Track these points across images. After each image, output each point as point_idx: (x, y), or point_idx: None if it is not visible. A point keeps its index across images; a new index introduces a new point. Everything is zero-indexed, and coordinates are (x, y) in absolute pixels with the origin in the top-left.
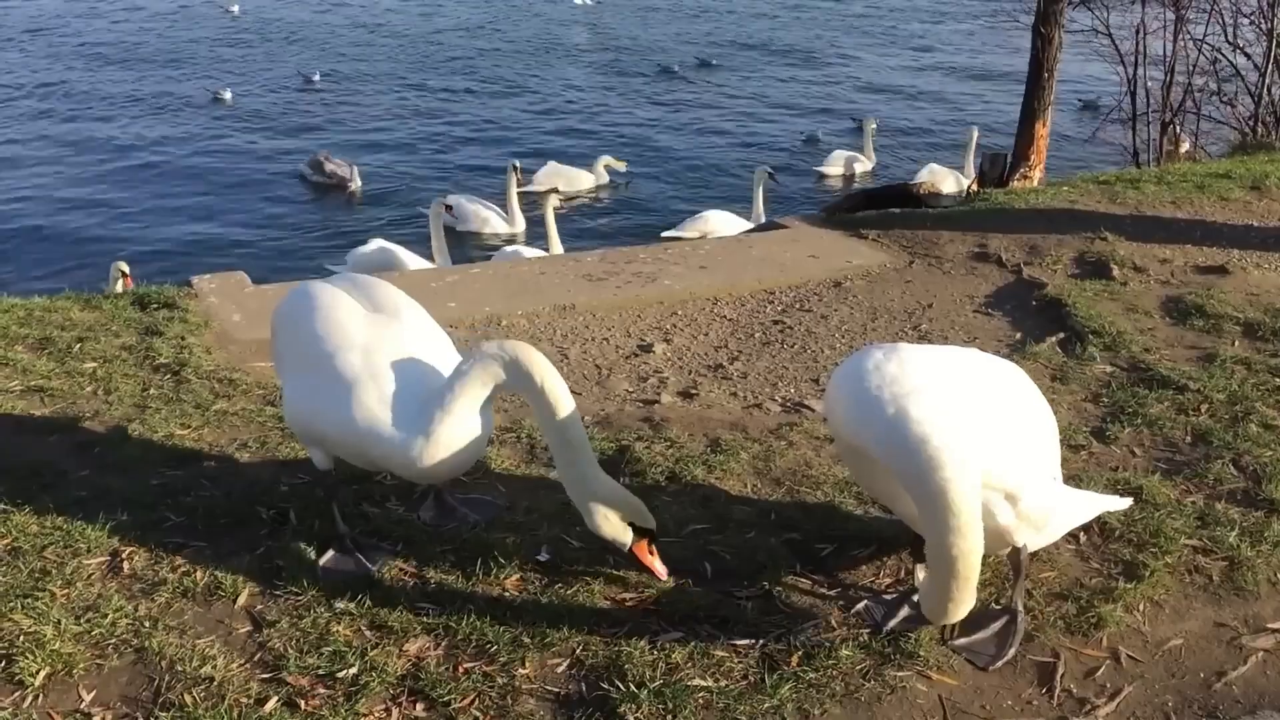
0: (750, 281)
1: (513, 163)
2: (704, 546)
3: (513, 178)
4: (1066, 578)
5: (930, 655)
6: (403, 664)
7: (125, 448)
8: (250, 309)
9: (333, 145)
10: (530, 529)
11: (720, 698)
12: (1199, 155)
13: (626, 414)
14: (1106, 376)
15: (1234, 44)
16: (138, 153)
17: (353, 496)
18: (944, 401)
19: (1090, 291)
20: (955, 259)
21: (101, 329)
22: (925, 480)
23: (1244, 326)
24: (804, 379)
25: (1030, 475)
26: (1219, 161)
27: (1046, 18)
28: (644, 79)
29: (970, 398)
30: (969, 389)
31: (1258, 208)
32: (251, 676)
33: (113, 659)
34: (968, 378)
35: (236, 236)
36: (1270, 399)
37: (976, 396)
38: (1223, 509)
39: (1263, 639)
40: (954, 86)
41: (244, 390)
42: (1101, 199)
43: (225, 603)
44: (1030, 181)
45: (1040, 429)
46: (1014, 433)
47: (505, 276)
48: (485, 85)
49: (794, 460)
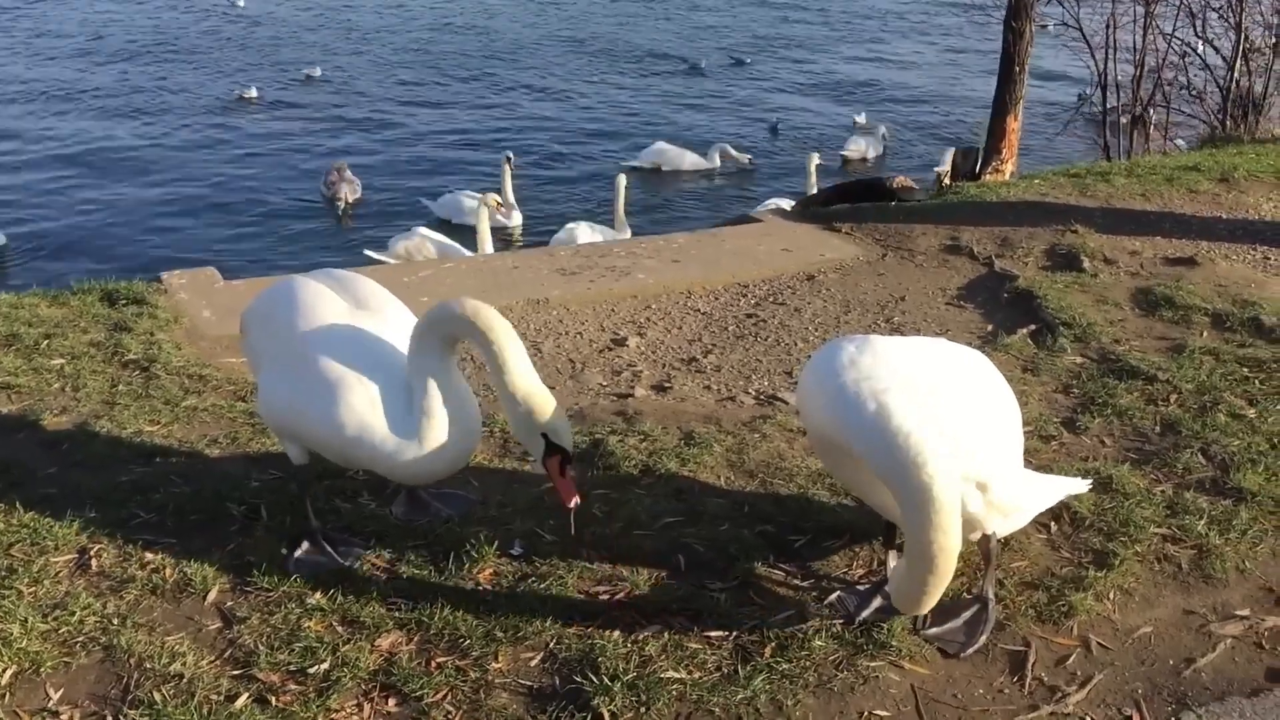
0: (724, 275)
1: (507, 154)
2: (678, 539)
3: (506, 169)
4: (1038, 567)
5: (902, 645)
6: (375, 659)
7: (93, 444)
8: (221, 305)
9: (329, 141)
10: (504, 523)
11: (694, 689)
12: (1168, 148)
13: (600, 408)
14: (1077, 367)
15: (1203, 38)
16: (131, 152)
17: (325, 491)
18: (921, 396)
19: (1061, 283)
20: (927, 252)
21: (69, 325)
22: (908, 477)
23: (1212, 317)
24: (777, 372)
25: (1000, 464)
26: (1188, 154)
27: (1018, 12)
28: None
29: (943, 390)
30: (941, 381)
31: (1226, 200)
32: (222, 673)
33: (80, 657)
34: (939, 369)
35: (219, 235)
36: (1238, 389)
37: (948, 388)
38: (1191, 498)
39: (1231, 626)
40: (925, 81)
41: (214, 386)
42: (1072, 192)
43: (195, 599)
44: (1002, 175)
45: (1007, 416)
46: (985, 423)
47: (478, 271)
48: (472, 83)
49: (767, 452)
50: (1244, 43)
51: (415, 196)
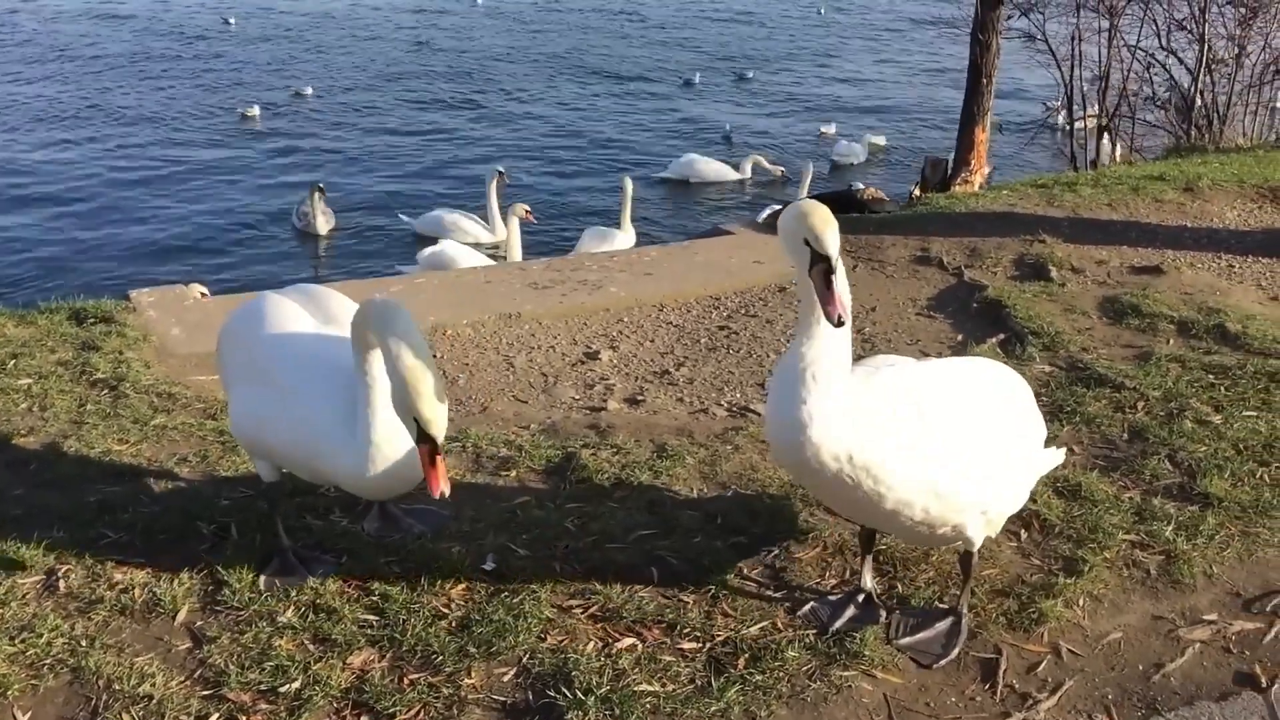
0: (695, 287)
1: (496, 169)
2: (650, 551)
3: (492, 186)
4: (1008, 575)
5: (875, 654)
6: (347, 677)
7: (61, 464)
8: (190, 322)
9: (315, 158)
10: (476, 538)
11: (667, 702)
12: (1134, 158)
13: (573, 421)
14: (1046, 376)
15: (1168, 49)
16: (110, 173)
17: (296, 509)
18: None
19: (1029, 293)
20: (898, 262)
21: (36, 345)
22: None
23: (1178, 325)
24: (750, 383)
25: (1006, 490)
26: (1153, 164)
27: (985, 25)
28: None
29: (953, 416)
30: (949, 405)
31: (1191, 209)
32: (191, 694)
33: (48, 679)
34: (945, 401)
35: (199, 253)
36: (1204, 395)
37: (957, 413)
38: (1159, 504)
39: (1199, 631)
40: (896, 93)
41: (184, 404)
42: (1040, 202)
43: (164, 619)
44: (971, 185)
45: (1015, 434)
46: (993, 448)
47: (450, 286)
48: (462, 100)
49: (740, 464)
50: (1207, 54)
51: (397, 212)
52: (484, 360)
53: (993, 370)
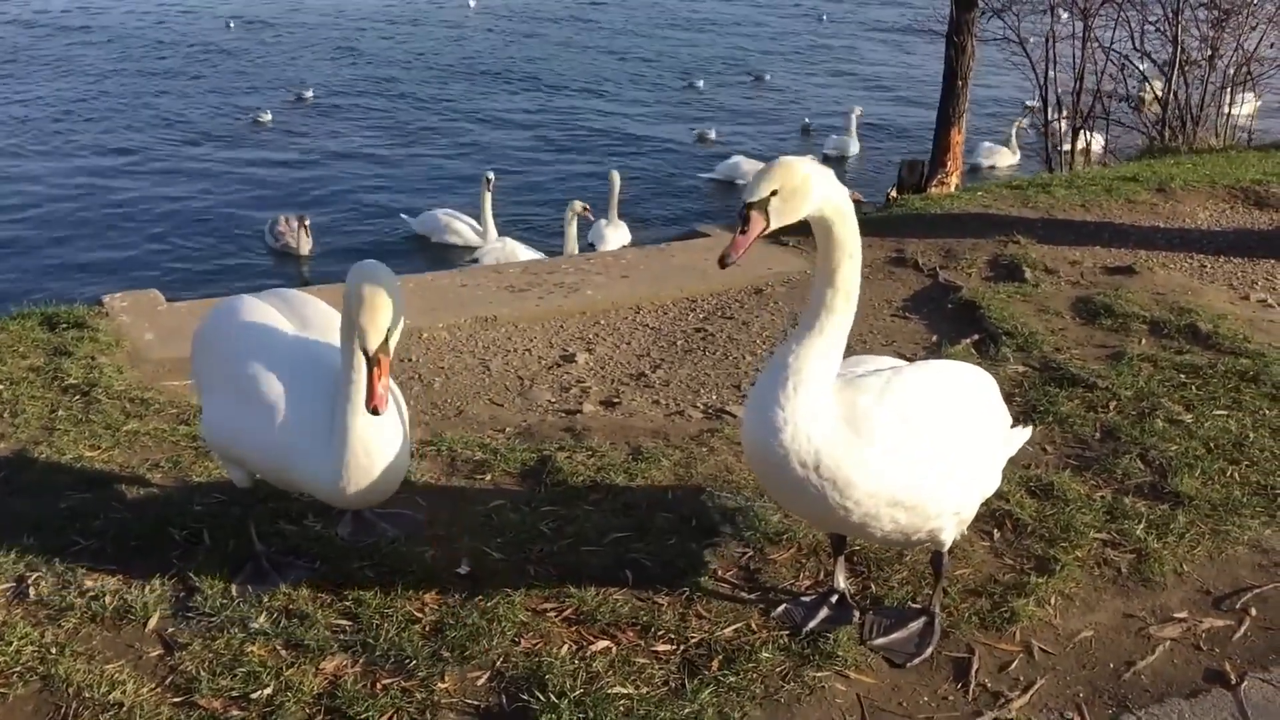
0: (672, 290)
1: (487, 174)
2: (625, 554)
3: (485, 189)
4: (981, 574)
5: (849, 655)
6: (319, 683)
7: (32, 471)
8: (164, 327)
9: (315, 163)
10: (450, 542)
11: (641, 705)
12: (1108, 159)
13: (549, 424)
14: (1019, 376)
15: (1142, 50)
16: (116, 177)
17: (269, 514)
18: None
19: (1004, 294)
20: (873, 264)
21: (7, 350)
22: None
23: (1150, 325)
24: (725, 385)
25: (977, 491)
26: (1127, 165)
27: (960, 26)
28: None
29: (928, 434)
30: (926, 422)
31: (1163, 209)
32: (163, 700)
33: (17, 687)
34: (921, 407)
35: (179, 258)
36: (1175, 395)
37: (932, 431)
38: (1131, 503)
39: (1169, 629)
40: (874, 96)
41: (156, 410)
42: (1014, 203)
43: (135, 626)
44: (947, 187)
45: (985, 434)
46: (967, 451)
47: (426, 289)
48: (457, 103)
49: (715, 466)
50: (1180, 55)
51: (400, 214)
52: (460, 364)
53: (958, 375)
